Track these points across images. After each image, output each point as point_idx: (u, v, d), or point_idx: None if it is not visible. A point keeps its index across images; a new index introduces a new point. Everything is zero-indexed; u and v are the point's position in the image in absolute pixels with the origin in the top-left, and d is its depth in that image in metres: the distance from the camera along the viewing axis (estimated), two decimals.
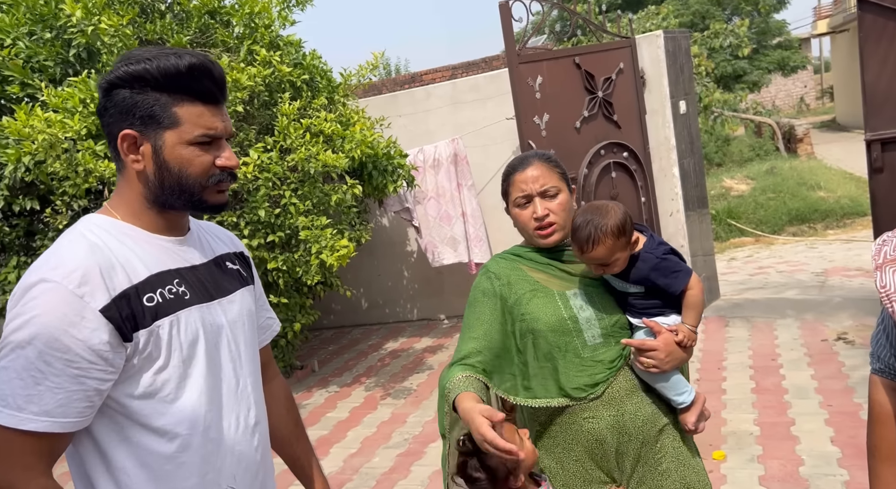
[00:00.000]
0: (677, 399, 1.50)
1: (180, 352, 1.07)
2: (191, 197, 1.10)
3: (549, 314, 1.50)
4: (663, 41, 4.86)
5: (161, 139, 1.07)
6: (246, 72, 3.96)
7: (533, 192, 1.51)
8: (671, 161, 4.98)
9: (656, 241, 1.52)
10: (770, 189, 9.11)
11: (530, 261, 1.58)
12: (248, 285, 1.26)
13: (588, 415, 1.49)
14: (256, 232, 3.98)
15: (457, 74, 9.21)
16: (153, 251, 1.09)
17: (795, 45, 17.01)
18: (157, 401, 1.05)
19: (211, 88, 1.09)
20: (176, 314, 1.07)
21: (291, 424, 1.41)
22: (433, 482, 3.26)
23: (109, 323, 0.99)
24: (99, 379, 0.99)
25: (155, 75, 1.05)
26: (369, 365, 5.26)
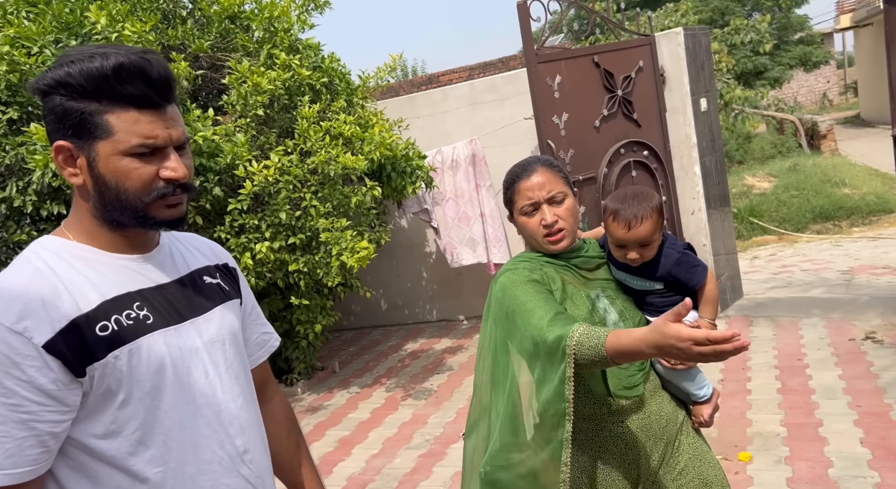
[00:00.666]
0: (699, 393, 1.53)
1: (143, 384, 0.96)
2: (135, 213, 0.99)
3: (583, 315, 1.47)
4: (683, 38, 4.81)
5: (94, 151, 0.96)
6: (266, 76, 3.99)
7: (540, 199, 1.49)
8: (692, 159, 4.93)
9: (674, 238, 1.57)
10: (793, 186, 8.97)
11: (551, 265, 1.54)
12: (230, 300, 1.15)
13: (616, 420, 1.47)
14: (278, 234, 4.01)
15: (474, 75, 9.21)
16: (109, 273, 0.99)
17: (818, 40, 16.73)
18: (123, 439, 0.96)
19: (145, 91, 0.96)
20: (136, 342, 0.96)
21: (293, 448, 1.29)
22: (455, 483, 3.25)
23: (56, 359, 0.89)
24: (52, 421, 0.90)
25: (78, 80, 0.93)
26: (389, 366, 5.28)
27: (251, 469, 1.09)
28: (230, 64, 4.10)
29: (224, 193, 3.93)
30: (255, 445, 1.12)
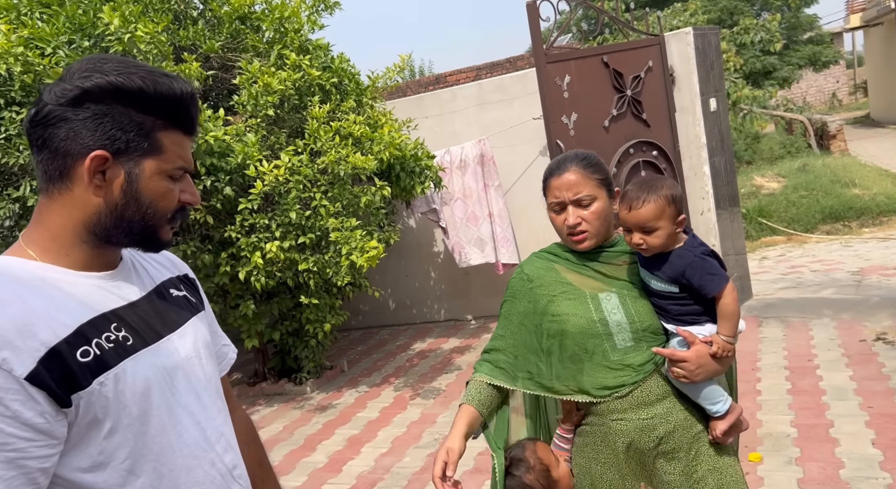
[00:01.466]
0: (711, 408, 1.48)
1: (130, 410, 0.91)
2: (148, 233, 0.98)
3: (579, 316, 1.50)
4: (693, 38, 4.80)
5: (140, 166, 0.94)
6: (276, 76, 4.02)
7: (566, 199, 1.51)
8: (702, 159, 4.92)
9: (697, 242, 1.50)
10: (802, 186, 8.92)
11: (566, 262, 1.58)
12: (198, 312, 1.11)
13: (616, 417, 1.48)
14: (288, 234, 4.03)
15: (481, 75, 9.22)
16: (80, 294, 0.92)
17: (827, 40, 16.63)
18: (112, 470, 0.90)
19: (196, 119, 0.99)
20: (119, 366, 0.91)
21: (255, 464, 1.24)
22: (465, 482, 3.26)
23: (40, 390, 0.83)
24: (41, 456, 0.84)
25: (151, 95, 0.92)
26: (398, 365, 5.29)
27: (241, 484, 1.07)
28: (241, 64, 4.13)
29: (235, 193, 3.96)
30: (240, 461, 1.10)
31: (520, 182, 5.74)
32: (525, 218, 5.76)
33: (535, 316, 1.56)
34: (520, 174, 5.73)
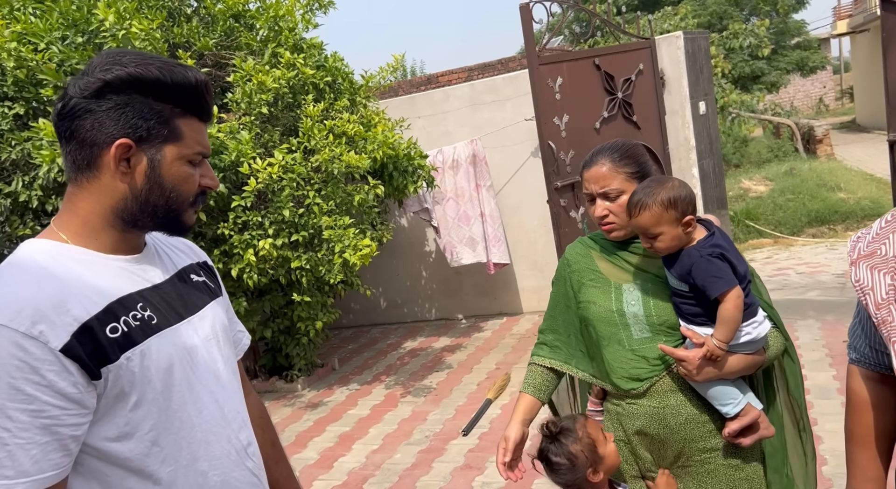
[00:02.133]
0: (721, 409, 1.49)
1: (155, 384, 0.97)
2: (172, 216, 1.03)
3: (600, 305, 1.56)
4: (683, 42, 4.87)
5: (161, 153, 0.99)
6: (271, 74, 4.03)
7: (594, 192, 1.55)
8: (690, 162, 4.99)
9: (712, 242, 1.46)
10: (789, 190, 9.05)
11: (601, 249, 1.63)
12: (217, 297, 1.17)
13: (631, 400, 1.55)
14: (281, 231, 4.05)
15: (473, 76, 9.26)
16: (109, 275, 0.98)
17: (815, 46, 16.85)
18: (137, 440, 0.96)
19: (211, 107, 1.06)
20: (145, 342, 0.97)
21: (268, 445, 1.30)
22: (455, 478, 3.30)
23: (74, 362, 0.89)
24: (73, 424, 0.90)
25: (167, 85, 0.98)
26: (389, 363, 5.32)
27: (255, 461, 1.12)
28: (235, 62, 4.14)
29: (228, 190, 3.97)
30: (255, 439, 1.15)
31: (511, 182, 5.79)
32: (516, 218, 5.80)
33: (572, 299, 1.65)
34: (511, 174, 5.78)
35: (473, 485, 3.20)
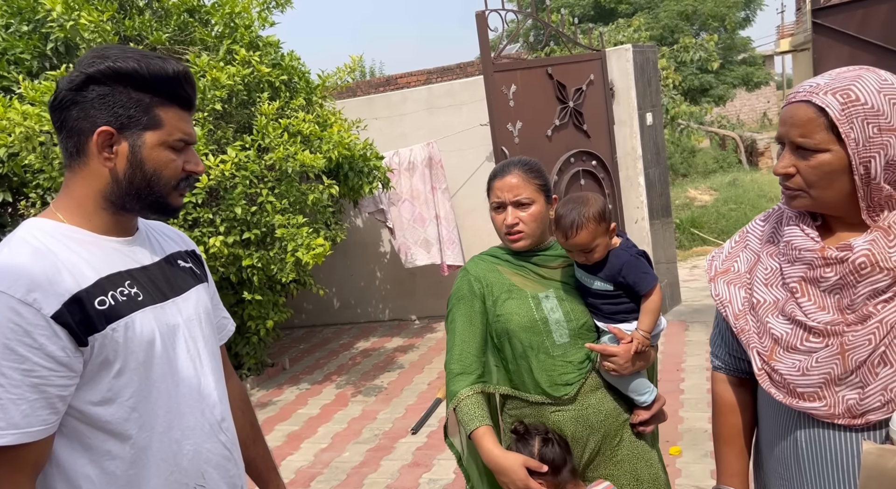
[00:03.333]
0: (639, 399, 1.61)
1: (137, 355, 1.06)
2: (156, 199, 1.11)
3: (522, 315, 1.60)
4: (632, 54, 5.05)
5: (141, 139, 1.07)
6: (225, 71, 4.00)
7: (507, 200, 1.61)
8: (637, 170, 5.18)
9: (631, 243, 1.61)
10: (732, 200, 9.45)
11: (507, 264, 1.68)
12: (202, 283, 1.25)
13: (554, 409, 1.60)
14: (232, 229, 4.02)
15: (432, 79, 9.34)
16: (100, 254, 1.07)
17: (759, 62, 17.60)
18: (118, 406, 1.04)
19: (191, 96, 1.12)
20: (130, 316, 1.05)
21: (248, 426, 1.40)
22: (403, 475, 3.35)
23: (63, 328, 0.98)
24: (60, 385, 0.99)
25: (144, 76, 1.05)
26: (340, 363, 5.33)
27: (228, 436, 1.20)
28: (188, 57, 4.09)
29: None
30: (229, 416, 1.23)
31: (466, 186, 5.88)
32: (470, 221, 5.90)
33: (486, 315, 1.66)
34: (466, 178, 5.87)
35: (420, 482, 3.25)
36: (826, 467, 1.12)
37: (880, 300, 1.05)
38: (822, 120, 1.05)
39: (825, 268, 1.08)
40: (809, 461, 1.14)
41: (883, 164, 1.04)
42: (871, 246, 1.05)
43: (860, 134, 1.03)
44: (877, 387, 1.05)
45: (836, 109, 1.04)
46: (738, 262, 1.25)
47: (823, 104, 1.05)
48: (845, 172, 1.06)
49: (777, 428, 1.20)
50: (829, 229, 1.13)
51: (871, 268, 1.04)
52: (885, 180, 1.05)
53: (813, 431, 1.13)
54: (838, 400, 1.08)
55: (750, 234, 1.26)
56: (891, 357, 1.04)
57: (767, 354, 1.15)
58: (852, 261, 1.05)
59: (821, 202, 1.10)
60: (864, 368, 1.06)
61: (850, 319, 1.07)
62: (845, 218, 1.11)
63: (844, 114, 1.03)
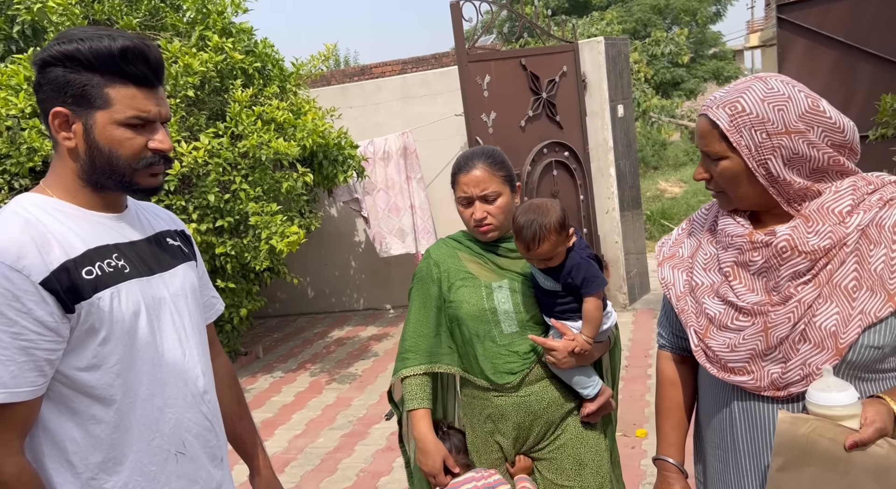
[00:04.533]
0: (583, 391, 1.66)
1: (123, 324, 1.09)
2: (121, 178, 1.11)
3: (472, 304, 1.65)
4: (604, 47, 5.13)
5: (92, 119, 1.08)
6: (198, 57, 3.97)
7: (473, 195, 1.63)
8: (608, 162, 5.27)
9: (584, 244, 1.62)
10: (701, 192, 9.65)
11: (468, 251, 1.71)
12: (190, 261, 1.28)
13: (497, 394, 1.66)
14: (205, 216, 4.00)
15: (406, 69, 9.32)
16: (88, 227, 1.10)
17: (729, 57, 17.93)
18: (103, 372, 1.08)
19: (145, 72, 1.10)
20: (116, 286, 1.09)
21: (234, 403, 1.43)
22: (377, 460, 3.40)
23: (51, 295, 1.01)
24: (48, 349, 1.02)
25: (87, 56, 1.06)
26: (315, 352, 5.34)
27: (209, 408, 1.24)
28: (160, 43, 4.04)
29: None
30: (212, 389, 1.26)
31: (441, 176, 5.92)
32: (445, 210, 5.94)
33: (441, 299, 1.70)
34: (441, 168, 5.90)
35: (394, 466, 3.31)
36: (757, 436, 1.21)
37: (800, 282, 1.13)
38: (716, 132, 1.16)
39: (752, 253, 1.17)
40: (742, 431, 1.23)
41: (782, 164, 1.13)
42: (793, 232, 1.13)
43: (750, 141, 1.13)
44: (797, 361, 1.13)
45: (725, 122, 1.14)
46: (682, 248, 1.34)
47: (715, 118, 1.15)
48: (747, 175, 1.15)
49: (714, 401, 1.29)
50: (761, 220, 1.22)
51: (791, 252, 1.13)
52: (796, 175, 1.14)
53: (745, 404, 1.22)
54: (764, 374, 1.17)
55: (695, 221, 1.35)
56: (810, 334, 1.12)
57: (703, 332, 1.24)
58: (775, 245, 1.14)
59: (740, 201, 1.20)
60: (786, 345, 1.14)
61: (774, 300, 1.15)
62: (772, 210, 1.20)
63: (733, 125, 1.13)
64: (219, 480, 1.26)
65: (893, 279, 1.09)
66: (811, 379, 1.12)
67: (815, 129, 1.11)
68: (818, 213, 1.13)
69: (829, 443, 1.04)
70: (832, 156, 1.13)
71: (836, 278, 1.11)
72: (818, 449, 1.05)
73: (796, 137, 1.11)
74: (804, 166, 1.14)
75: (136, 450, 1.11)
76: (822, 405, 1.06)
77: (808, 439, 1.05)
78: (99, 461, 1.08)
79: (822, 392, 1.06)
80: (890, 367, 1.13)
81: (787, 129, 1.11)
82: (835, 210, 1.13)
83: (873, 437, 1.03)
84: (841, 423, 1.05)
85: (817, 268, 1.12)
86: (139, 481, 1.11)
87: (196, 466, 1.20)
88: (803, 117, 1.11)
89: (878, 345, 1.09)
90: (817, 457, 1.05)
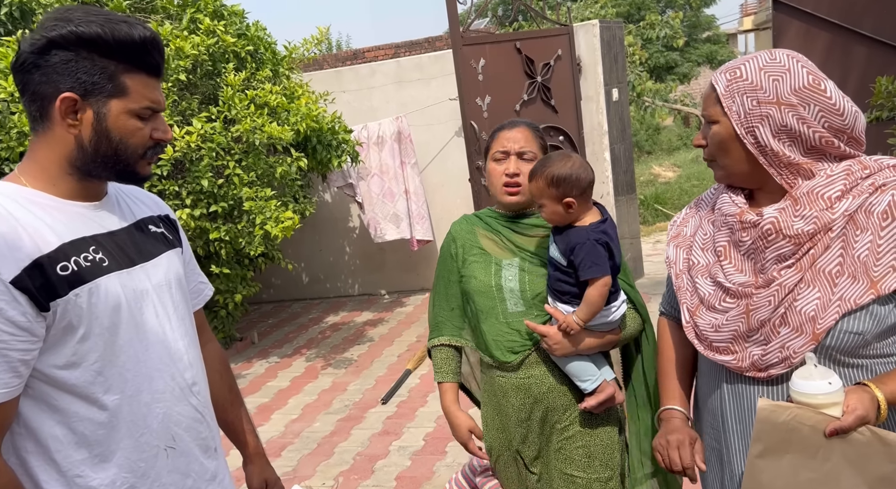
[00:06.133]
0: (580, 385, 1.61)
1: (102, 320, 1.05)
2: (124, 167, 1.09)
3: (480, 279, 1.66)
4: (599, 30, 5.10)
5: (106, 107, 1.04)
6: (189, 40, 3.92)
7: (512, 150, 1.63)
8: (603, 146, 5.27)
9: (602, 228, 1.52)
10: (695, 176, 9.67)
11: (485, 226, 1.70)
12: (174, 248, 1.23)
13: (499, 373, 1.66)
14: (199, 202, 3.98)
15: (400, 53, 9.24)
16: (64, 218, 1.05)
17: (723, 40, 17.87)
18: (83, 370, 1.04)
19: (159, 62, 1.09)
20: (94, 281, 1.04)
21: (226, 389, 1.41)
22: (373, 443, 3.42)
23: (23, 293, 0.97)
24: (22, 349, 0.98)
25: (108, 42, 1.02)
26: (310, 337, 5.35)
27: (199, 399, 1.21)
28: (151, 26, 3.98)
29: None
30: (201, 379, 1.23)
31: (436, 161, 5.89)
32: (440, 196, 5.93)
33: (455, 274, 1.75)
34: (436, 153, 5.88)
35: (391, 449, 3.33)
36: (745, 416, 1.23)
37: (784, 265, 1.14)
38: (714, 94, 1.19)
39: (742, 233, 1.18)
40: (730, 411, 1.25)
41: (770, 133, 1.13)
42: (779, 214, 1.13)
43: (741, 107, 1.15)
44: (776, 344, 1.14)
45: (722, 86, 1.17)
46: (687, 227, 1.36)
47: (716, 81, 1.18)
48: (734, 141, 1.17)
49: (708, 381, 1.32)
50: (757, 200, 1.22)
51: (776, 235, 1.13)
52: (787, 149, 1.14)
53: (732, 385, 1.24)
54: (746, 354, 1.18)
55: (701, 200, 1.37)
56: (789, 318, 1.13)
57: (693, 310, 1.27)
58: (761, 226, 1.14)
59: (729, 172, 1.21)
60: (767, 327, 1.15)
61: (759, 282, 1.16)
62: (767, 187, 1.19)
63: (728, 89, 1.16)
64: (213, 471, 1.23)
65: (878, 266, 1.08)
66: (790, 362, 1.13)
67: (809, 106, 1.11)
68: (807, 197, 1.13)
69: (810, 431, 1.05)
70: (826, 137, 1.12)
71: (820, 263, 1.11)
72: (798, 436, 1.05)
73: (786, 110, 1.11)
74: (796, 142, 1.13)
75: (124, 446, 1.08)
76: (804, 393, 1.06)
77: (788, 427, 1.06)
78: (84, 458, 1.05)
79: (805, 380, 1.06)
80: (876, 353, 1.12)
81: (777, 100, 1.11)
82: (824, 195, 1.12)
83: (854, 425, 1.03)
84: (823, 411, 1.04)
85: (801, 253, 1.12)
86: (128, 478, 1.08)
87: (188, 460, 1.17)
88: (798, 92, 1.11)
89: (858, 332, 1.09)
90: (797, 445, 1.06)
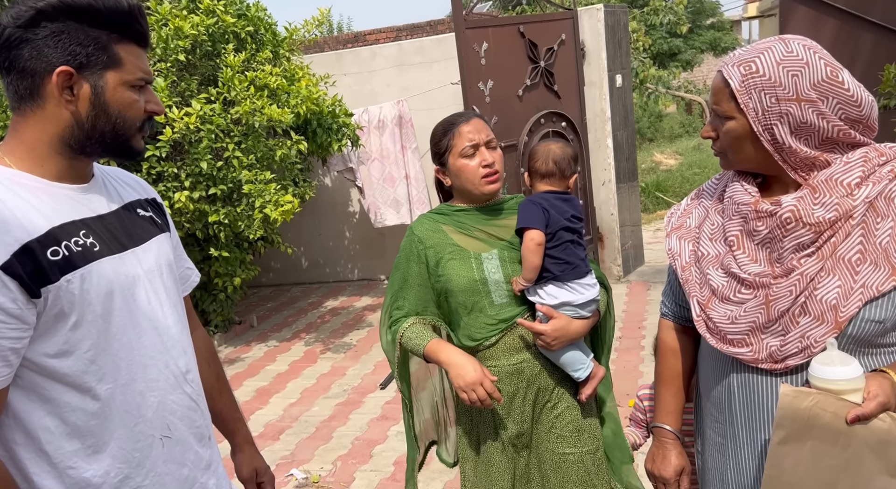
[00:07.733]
0: (573, 374, 1.63)
1: (95, 307, 1.01)
2: (120, 141, 1.05)
3: (463, 275, 1.62)
4: (603, 15, 5.04)
5: (103, 79, 1.01)
6: (188, 20, 3.87)
7: (480, 141, 1.61)
8: (606, 132, 5.22)
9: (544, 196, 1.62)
10: (696, 164, 9.63)
11: (453, 224, 1.67)
12: (163, 233, 1.20)
13: (490, 364, 1.64)
14: (198, 184, 3.95)
15: (401, 36, 9.15)
16: (53, 202, 1.01)
17: (727, 27, 17.71)
18: (75, 358, 1.00)
19: (146, 31, 1.05)
20: (86, 267, 1.00)
21: (213, 377, 1.38)
22: (371, 428, 3.43)
23: (13, 279, 0.93)
24: (12, 337, 0.94)
25: (100, 10, 0.98)
26: (309, 321, 5.35)
27: (193, 387, 1.18)
28: (150, 4, 3.93)
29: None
30: (194, 367, 1.20)
31: None
32: None
33: (427, 275, 1.68)
34: None
35: (389, 434, 3.34)
36: (754, 409, 1.21)
37: (804, 254, 1.12)
38: (727, 90, 1.13)
39: (757, 222, 1.15)
40: (739, 404, 1.23)
41: (788, 131, 1.10)
42: (798, 202, 1.11)
43: (758, 104, 1.10)
44: (796, 334, 1.13)
45: (737, 81, 1.11)
46: (690, 218, 1.32)
47: (728, 76, 1.12)
48: (750, 139, 1.13)
49: (713, 373, 1.29)
50: (769, 188, 1.20)
51: (796, 224, 1.11)
52: (802, 144, 1.11)
53: (742, 376, 1.21)
54: (762, 346, 1.16)
55: (704, 191, 1.33)
56: (810, 307, 1.11)
57: (705, 303, 1.23)
58: (779, 215, 1.12)
59: (738, 165, 1.19)
60: (786, 317, 1.13)
61: (777, 272, 1.14)
62: (780, 177, 1.17)
63: (744, 85, 1.11)
64: (208, 459, 1.21)
65: None
66: (809, 352, 1.11)
67: (828, 99, 1.08)
68: (826, 185, 1.11)
69: (831, 417, 1.04)
70: (843, 129, 1.10)
71: (840, 251, 1.10)
72: (820, 423, 1.05)
73: (806, 106, 1.08)
74: (812, 136, 1.11)
75: (118, 436, 1.05)
76: (824, 379, 1.05)
77: (809, 413, 1.05)
78: (76, 449, 1.02)
79: (826, 366, 1.05)
80: (893, 342, 1.12)
81: (797, 97, 1.08)
82: (843, 182, 1.10)
83: (876, 411, 1.03)
84: (843, 397, 1.04)
85: (821, 241, 1.10)
86: (122, 468, 1.06)
87: (183, 448, 1.15)
88: (818, 86, 1.08)
89: (880, 319, 1.08)
90: (819, 431, 1.05)
